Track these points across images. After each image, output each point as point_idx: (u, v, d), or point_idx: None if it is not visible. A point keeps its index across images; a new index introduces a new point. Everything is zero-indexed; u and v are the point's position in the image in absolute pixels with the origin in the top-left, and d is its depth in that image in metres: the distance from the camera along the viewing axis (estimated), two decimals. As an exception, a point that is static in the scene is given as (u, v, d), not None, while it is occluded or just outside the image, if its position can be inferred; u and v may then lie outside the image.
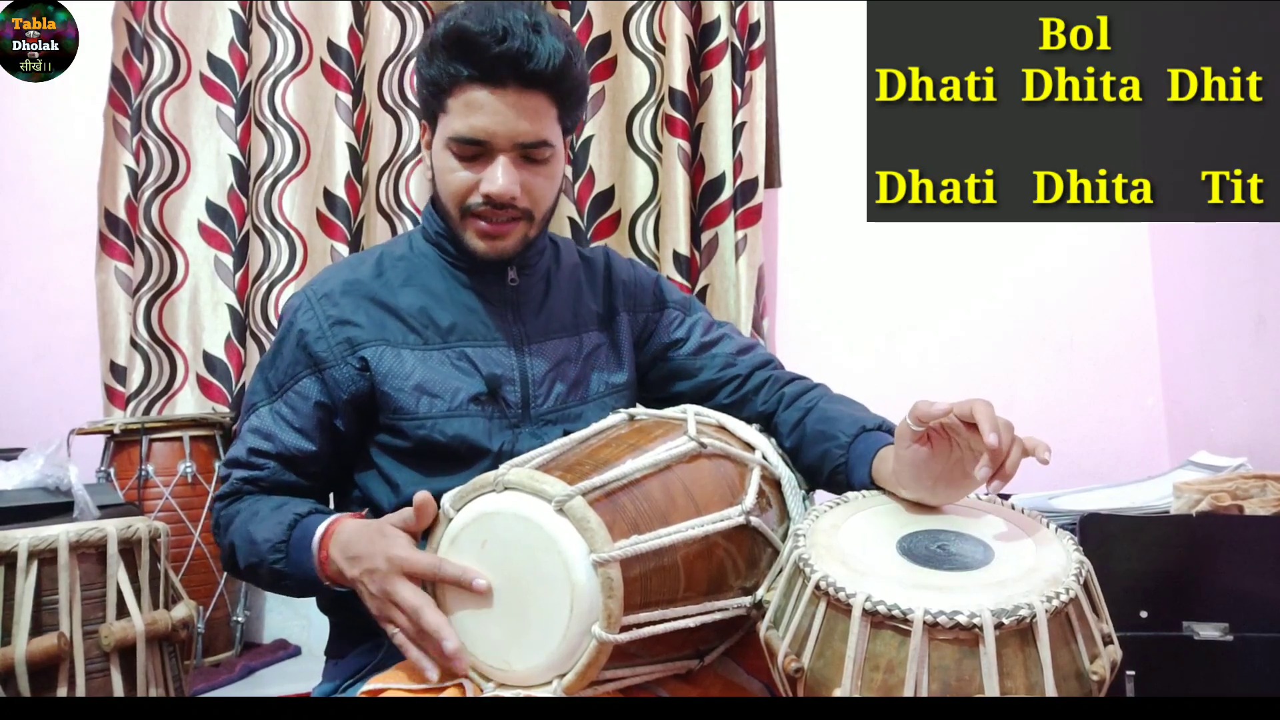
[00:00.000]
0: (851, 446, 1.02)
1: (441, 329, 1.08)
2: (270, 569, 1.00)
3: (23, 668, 1.26)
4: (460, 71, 1.00)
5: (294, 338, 1.08)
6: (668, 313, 1.24)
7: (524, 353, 1.11)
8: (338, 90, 2.32)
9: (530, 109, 1.02)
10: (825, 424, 1.07)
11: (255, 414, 1.09)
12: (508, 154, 1.03)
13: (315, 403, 1.06)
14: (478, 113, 1.01)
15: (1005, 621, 0.72)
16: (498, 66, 0.99)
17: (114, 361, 2.34)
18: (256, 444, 1.07)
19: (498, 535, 0.84)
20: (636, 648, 0.82)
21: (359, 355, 1.06)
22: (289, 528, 0.99)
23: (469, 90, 1.01)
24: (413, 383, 1.05)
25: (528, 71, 0.99)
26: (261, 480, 1.07)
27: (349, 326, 1.07)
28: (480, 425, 1.06)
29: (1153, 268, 2.20)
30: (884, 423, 1.05)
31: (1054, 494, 1.65)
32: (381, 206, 2.34)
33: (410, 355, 1.06)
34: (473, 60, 0.99)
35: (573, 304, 1.18)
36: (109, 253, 2.34)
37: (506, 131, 1.01)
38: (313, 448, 1.07)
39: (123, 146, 2.35)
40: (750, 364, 1.20)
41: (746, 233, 2.23)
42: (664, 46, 2.28)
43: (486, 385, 1.07)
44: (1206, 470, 1.64)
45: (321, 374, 1.06)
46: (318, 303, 1.08)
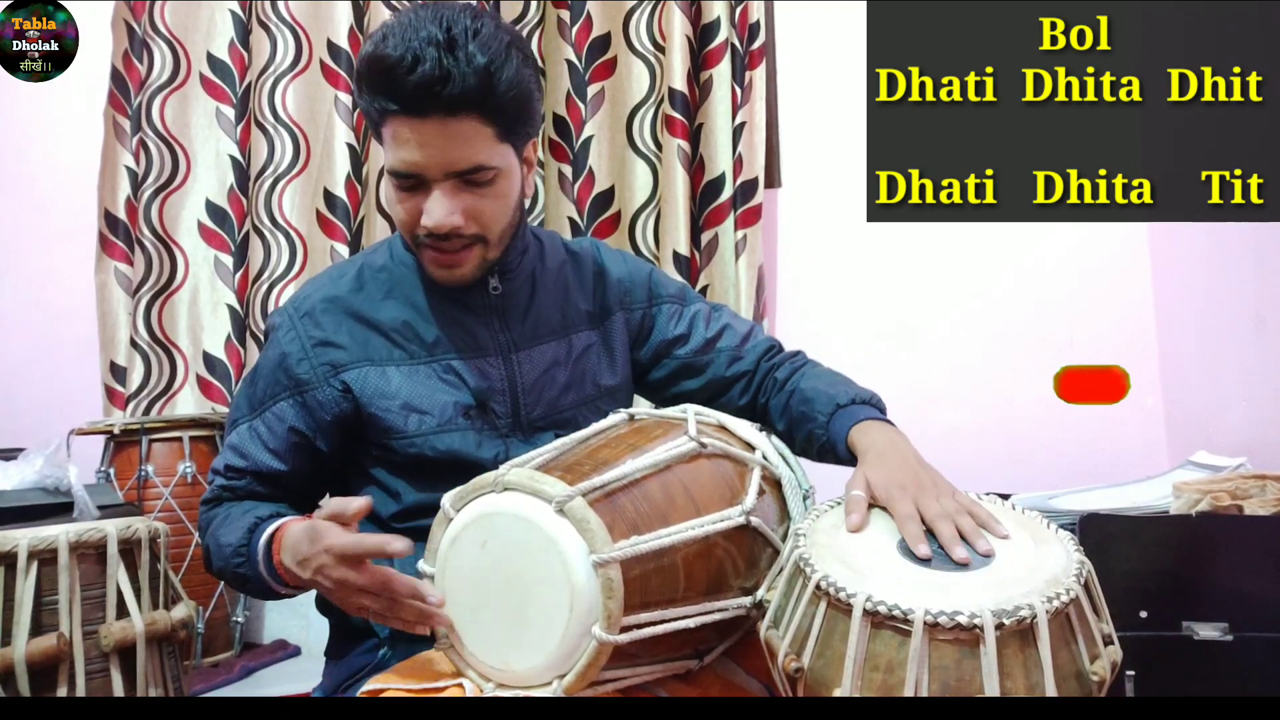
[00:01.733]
0: (829, 425, 1.05)
1: (426, 343, 1.07)
2: (234, 572, 1.03)
3: (23, 668, 1.26)
4: (385, 105, 0.95)
5: (276, 359, 1.07)
6: (665, 307, 1.22)
7: (511, 361, 1.10)
8: (338, 90, 2.32)
9: (458, 135, 0.95)
10: (804, 405, 1.10)
11: (235, 430, 1.10)
12: (442, 184, 0.97)
13: (290, 427, 1.06)
14: (404, 146, 0.96)
15: (1006, 622, 0.72)
16: (414, 97, 0.93)
17: (114, 362, 2.34)
18: (232, 460, 1.09)
19: (498, 535, 0.84)
20: (636, 648, 0.82)
21: (341, 379, 1.05)
22: (249, 531, 1.01)
23: (394, 123, 0.96)
24: (399, 401, 1.04)
25: (445, 97, 0.92)
26: (239, 490, 1.09)
27: (331, 348, 1.06)
28: (470, 439, 1.06)
29: (1152, 268, 2.20)
30: (857, 395, 1.07)
31: (1054, 494, 1.65)
32: (381, 207, 2.34)
33: (395, 372, 1.05)
34: (391, 93, 0.94)
35: (560, 305, 1.16)
36: (109, 253, 2.34)
37: (436, 162, 0.96)
38: (284, 468, 1.07)
39: (123, 147, 2.35)
40: (755, 355, 1.20)
41: (746, 233, 2.23)
42: (664, 46, 2.28)
43: (475, 398, 1.06)
44: (1206, 470, 1.64)
45: (303, 396, 1.06)
46: (299, 322, 1.07)
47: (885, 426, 1.03)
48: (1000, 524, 0.85)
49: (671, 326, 1.21)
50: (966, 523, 0.84)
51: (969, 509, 0.86)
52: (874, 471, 0.92)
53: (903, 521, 0.85)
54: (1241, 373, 1.82)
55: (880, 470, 0.92)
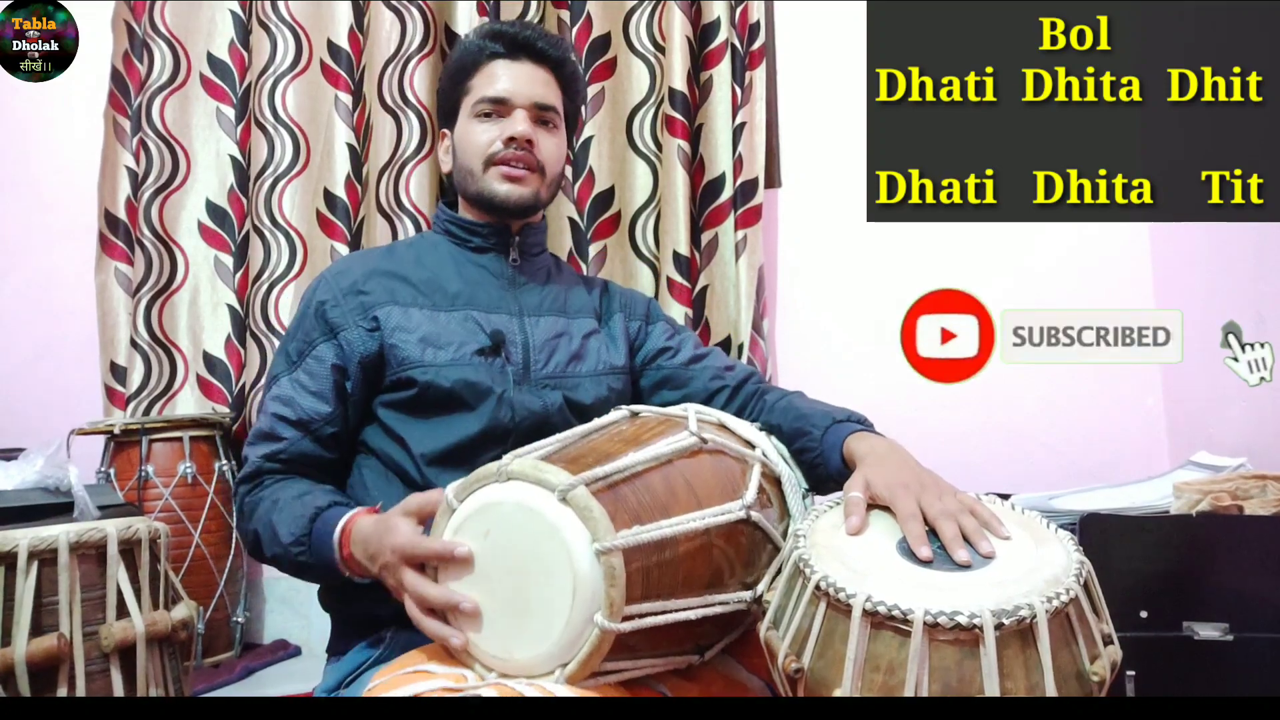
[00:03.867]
0: (824, 439, 1.07)
1: (449, 294, 1.18)
2: (294, 561, 1.04)
3: (23, 668, 1.26)
4: (485, 48, 1.22)
5: (313, 309, 1.17)
6: (660, 325, 1.33)
7: (525, 323, 1.20)
8: (338, 90, 2.32)
9: (541, 79, 1.23)
10: (800, 420, 1.12)
11: (277, 384, 1.16)
12: (525, 109, 1.21)
13: (331, 365, 1.14)
14: (500, 79, 1.21)
15: (1006, 622, 0.72)
16: (516, 44, 1.22)
17: (114, 362, 2.34)
18: (279, 410, 1.13)
19: (501, 525, 0.84)
20: (637, 640, 0.82)
21: (371, 315, 1.14)
22: (310, 520, 1.03)
23: (491, 64, 1.22)
24: (418, 335, 1.13)
25: (538, 49, 1.23)
26: (281, 455, 1.12)
27: (362, 295, 1.16)
28: (484, 371, 1.13)
29: (1153, 268, 2.20)
30: (853, 415, 1.10)
31: (1054, 494, 1.66)
32: (381, 207, 2.34)
33: (418, 313, 1.16)
34: (496, 41, 1.23)
35: (570, 295, 1.28)
36: (109, 253, 2.34)
37: (524, 92, 1.21)
38: (328, 409, 1.13)
39: (123, 147, 2.35)
40: (737, 379, 1.27)
41: (746, 233, 2.23)
42: (664, 47, 2.28)
43: (491, 339, 1.15)
44: (1206, 470, 1.64)
45: (336, 337, 1.14)
46: (333, 278, 1.19)
47: (881, 436, 1.05)
48: (1003, 525, 0.85)
49: (662, 340, 1.31)
50: (969, 522, 0.84)
51: (971, 508, 0.87)
52: (874, 472, 0.93)
53: (905, 520, 0.85)
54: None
55: (881, 471, 0.92)
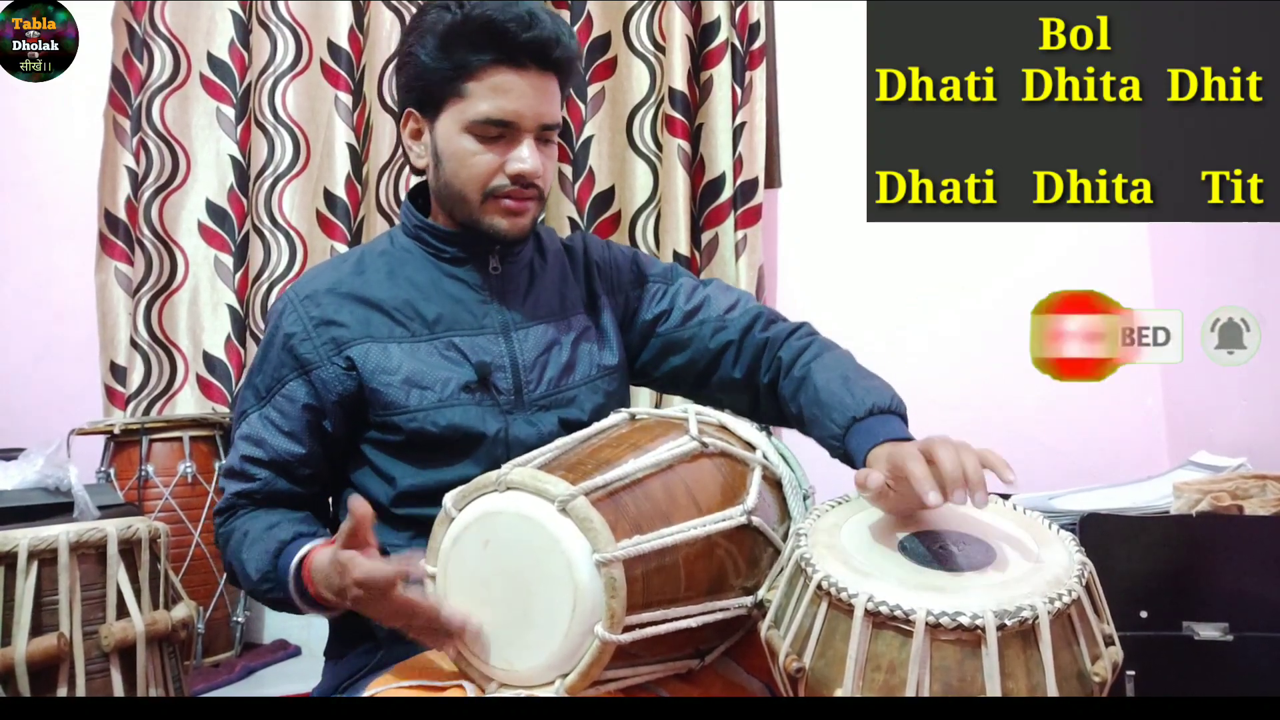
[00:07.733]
0: (846, 440, 1.00)
1: (428, 320, 1.08)
2: (266, 596, 1.02)
3: (23, 668, 1.26)
4: (484, 56, 1.02)
5: (279, 341, 1.07)
6: (649, 288, 1.22)
7: (511, 339, 1.10)
8: (338, 90, 2.31)
9: (548, 92, 1.06)
10: (816, 407, 1.04)
11: (245, 421, 1.08)
12: (532, 134, 1.05)
13: (303, 405, 1.06)
14: (505, 95, 1.03)
15: (1007, 623, 0.72)
16: (524, 51, 1.02)
17: (114, 362, 2.34)
18: (248, 451, 1.07)
19: (500, 535, 0.84)
20: (638, 647, 0.82)
21: (345, 355, 1.05)
22: (274, 556, 1.00)
23: (494, 74, 1.03)
24: (401, 376, 1.04)
25: (551, 58, 1.04)
26: (255, 493, 1.07)
27: (334, 327, 1.06)
28: (473, 413, 1.05)
29: (1153, 268, 2.20)
30: (875, 404, 1.00)
31: (1054, 494, 1.65)
32: (381, 206, 2.34)
33: (397, 349, 1.06)
34: (499, 45, 1.02)
35: (559, 289, 1.17)
36: (109, 253, 2.34)
37: (533, 113, 1.04)
38: (302, 450, 1.06)
39: (123, 146, 2.35)
40: (741, 325, 1.17)
41: (746, 233, 2.23)
42: (664, 47, 2.28)
43: (476, 373, 1.06)
44: (1206, 470, 1.64)
45: (308, 375, 1.06)
46: (300, 304, 1.08)
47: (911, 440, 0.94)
48: (1009, 470, 0.84)
49: (654, 305, 1.21)
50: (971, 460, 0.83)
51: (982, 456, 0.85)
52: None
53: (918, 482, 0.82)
54: (1242, 373, 1.82)
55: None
